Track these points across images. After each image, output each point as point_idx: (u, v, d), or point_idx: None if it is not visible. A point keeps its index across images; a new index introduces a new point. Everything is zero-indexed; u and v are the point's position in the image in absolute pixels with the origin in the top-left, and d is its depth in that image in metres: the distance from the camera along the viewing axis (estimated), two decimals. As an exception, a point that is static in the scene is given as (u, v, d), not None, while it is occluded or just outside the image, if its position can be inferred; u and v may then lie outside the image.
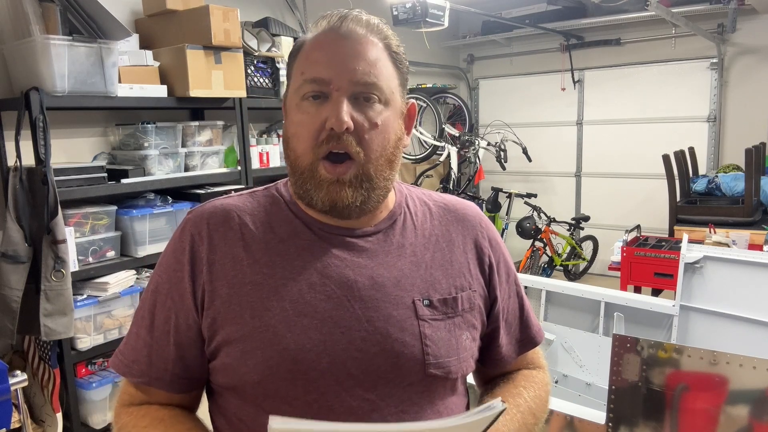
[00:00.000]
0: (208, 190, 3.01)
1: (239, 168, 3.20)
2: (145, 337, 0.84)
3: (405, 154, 5.31)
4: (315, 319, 0.78)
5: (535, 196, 5.14)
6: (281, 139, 0.89)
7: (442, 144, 5.19)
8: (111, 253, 2.68)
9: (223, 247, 0.82)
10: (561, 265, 5.20)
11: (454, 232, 0.91)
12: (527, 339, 0.98)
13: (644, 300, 2.43)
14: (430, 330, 0.81)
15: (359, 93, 0.79)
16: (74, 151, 2.83)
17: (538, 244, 5.05)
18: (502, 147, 5.20)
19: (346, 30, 0.80)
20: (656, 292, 3.49)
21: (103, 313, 2.60)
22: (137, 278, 2.72)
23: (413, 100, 0.88)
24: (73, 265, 2.44)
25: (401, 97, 0.85)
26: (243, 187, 3.14)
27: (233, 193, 0.90)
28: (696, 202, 3.99)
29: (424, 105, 5.26)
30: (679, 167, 4.01)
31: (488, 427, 0.64)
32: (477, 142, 5.21)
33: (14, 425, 2.23)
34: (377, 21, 0.83)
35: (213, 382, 0.85)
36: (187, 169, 2.97)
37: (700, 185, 4.12)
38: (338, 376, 0.77)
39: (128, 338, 0.87)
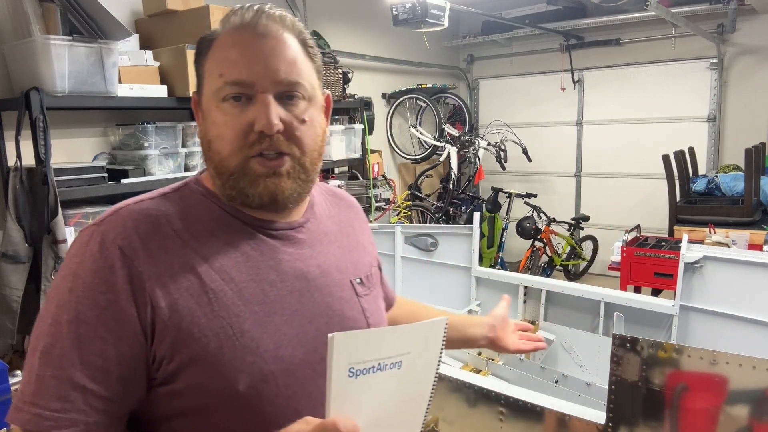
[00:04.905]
0: (208, 190, 3.01)
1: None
2: (72, 377, 0.69)
3: (405, 154, 5.33)
4: (284, 315, 0.79)
5: (535, 196, 5.14)
6: (199, 138, 0.83)
7: (442, 144, 5.20)
8: (111, 253, 2.67)
9: (165, 257, 0.74)
10: (561, 265, 5.21)
11: (352, 218, 1.00)
12: (387, 297, 1.13)
13: (644, 300, 2.44)
14: (367, 304, 0.90)
15: (283, 93, 0.78)
16: (74, 151, 2.83)
17: (538, 244, 5.05)
18: (502, 147, 5.21)
19: (263, 28, 0.77)
20: (656, 292, 3.49)
21: (103, 313, 2.60)
22: (137, 278, 2.71)
23: (328, 91, 0.90)
24: (73, 265, 2.44)
25: (320, 91, 0.85)
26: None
27: (134, 198, 0.81)
28: (696, 202, 3.99)
29: (424, 105, 5.26)
30: (679, 167, 4.02)
31: (443, 341, 0.77)
32: (477, 142, 5.22)
33: (14, 425, 2.22)
34: (290, 15, 0.82)
35: (157, 412, 0.75)
36: (187, 169, 2.97)
37: (699, 185, 4.12)
38: (312, 363, 0.79)
39: (41, 384, 0.70)
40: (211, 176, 0.82)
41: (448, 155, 5.18)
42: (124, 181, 2.64)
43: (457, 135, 5.34)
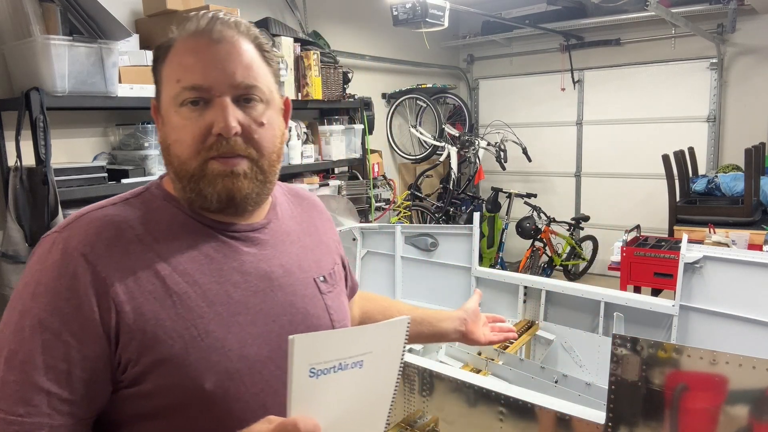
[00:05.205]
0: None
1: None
2: (36, 382, 0.70)
3: (405, 154, 5.33)
4: (249, 315, 0.81)
5: (534, 196, 5.14)
6: (159, 143, 0.85)
7: (442, 144, 5.20)
8: (111, 253, 2.67)
9: (128, 262, 0.75)
10: (561, 265, 5.21)
11: (315, 217, 1.02)
12: (353, 287, 1.16)
13: (644, 300, 2.43)
14: (330, 301, 0.92)
15: (240, 96, 0.80)
16: (74, 151, 2.83)
17: (537, 244, 5.05)
18: (502, 147, 5.21)
19: (218, 33, 0.79)
20: (656, 292, 3.49)
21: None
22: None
23: (287, 95, 0.93)
24: (73, 265, 2.44)
25: (278, 94, 0.87)
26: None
27: (96, 205, 0.83)
28: (696, 202, 3.99)
29: (424, 105, 5.26)
30: (679, 167, 4.02)
31: (405, 339, 0.79)
32: (477, 142, 5.22)
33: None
34: (245, 22, 0.84)
35: (125, 413, 0.77)
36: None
37: (699, 185, 4.12)
38: (278, 361, 0.81)
39: (6, 389, 0.70)
40: (172, 180, 0.84)
41: (448, 155, 5.18)
42: (124, 181, 2.64)
43: (457, 135, 5.34)
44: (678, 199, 3.95)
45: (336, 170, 4.17)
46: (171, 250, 0.79)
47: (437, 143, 5.20)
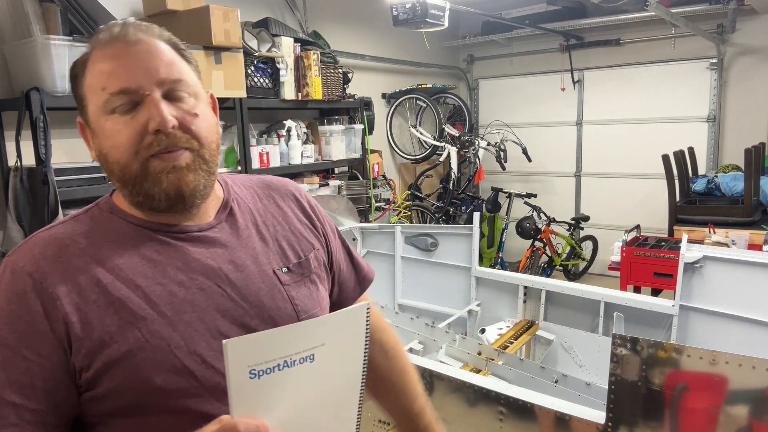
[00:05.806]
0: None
1: (239, 168, 3.20)
2: (1, 396, 0.74)
3: (405, 154, 5.33)
4: (195, 312, 0.82)
5: (534, 196, 5.15)
6: (96, 159, 0.85)
7: (442, 144, 5.20)
8: (111, 253, 2.67)
9: (72, 275, 0.79)
10: (561, 265, 5.21)
11: (284, 206, 1.01)
12: (363, 278, 1.13)
13: (644, 300, 2.44)
14: (295, 291, 0.92)
15: (168, 92, 0.81)
16: (74, 151, 2.83)
17: (537, 244, 5.05)
18: (502, 147, 5.21)
19: (133, 36, 0.80)
20: (656, 292, 3.50)
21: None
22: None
23: (212, 91, 0.94)
24: (73, 265, 2.44)
25: (203, 90, 0.88)
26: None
27: (47, 226, 0.87)
28: (695, 202, 4.00)
29: (424, 105, 5.26)
30: (679, 167, 4.02)
31: (367, 327, 0.77)
32: (477, 142, 5.22)
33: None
34: (156, 25, 0.85)
35: (92, 415, 0.81)
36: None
37: (699, 185, 4.12)
38: None
39: None
40: (118, 189, 0.85)
41: (448, 155, 5.18)
42: (124, 181, 2.64)
43: (457, 135, 5.34)
44: (678, 199, 3.95)
45: (336, 170, 4.17)
46: (113, 258, 0.81)
47: (437, 143, 5.20)
